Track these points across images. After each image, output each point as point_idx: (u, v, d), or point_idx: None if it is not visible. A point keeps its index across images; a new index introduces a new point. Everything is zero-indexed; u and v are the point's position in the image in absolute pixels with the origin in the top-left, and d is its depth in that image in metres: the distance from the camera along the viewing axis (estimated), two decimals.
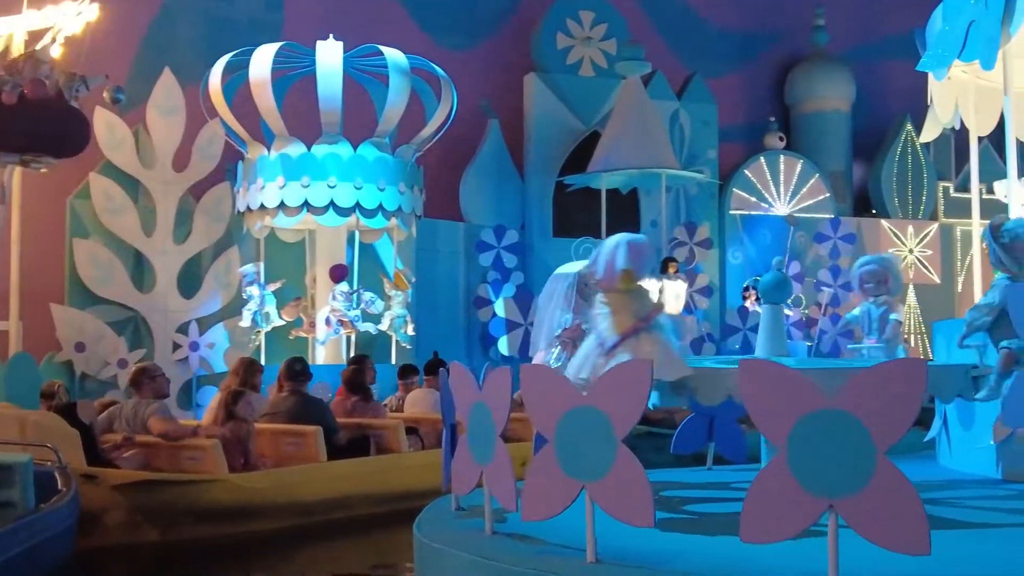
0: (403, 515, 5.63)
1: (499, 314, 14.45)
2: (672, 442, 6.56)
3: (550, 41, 15.74)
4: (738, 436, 6.57)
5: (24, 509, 5.34)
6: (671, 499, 5.16)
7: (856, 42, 17.97)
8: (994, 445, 5.92)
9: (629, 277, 5.14)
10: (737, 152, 16.99)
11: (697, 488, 5.71)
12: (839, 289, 15.63)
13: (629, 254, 5.26)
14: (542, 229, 15.36)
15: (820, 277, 15.81)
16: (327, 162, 12.00)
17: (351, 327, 12.11)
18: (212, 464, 6.78)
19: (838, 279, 15.68)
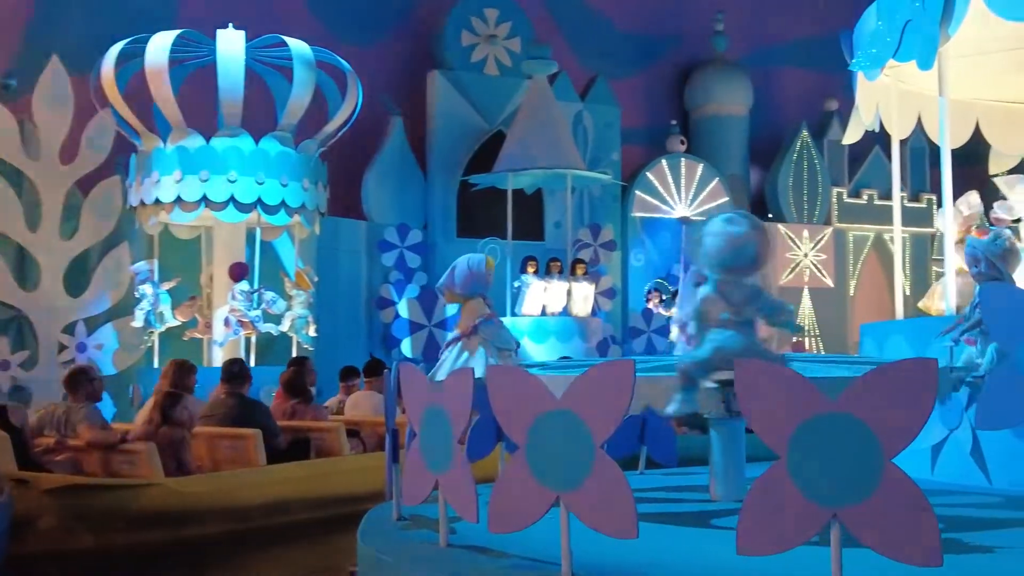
0: (344, 519, 5.50)
1: (402, 315, 14.16)
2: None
3: (454, 38, 15.50)
4: (670, 439, 6.43)
5: None
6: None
7: (754, 48, 18.21)
8: (930, 447, 5.91)
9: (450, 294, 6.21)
10: (638, 154, 17.03)
11: (641, 492, 5.53)
12: None
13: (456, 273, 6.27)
14: (446, 229, 15.10)
15: None
16: (227, 156, 11.52)
17: (251, 328, 11.66)
18: (147, 468, 6.53)
19: None
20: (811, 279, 17.23)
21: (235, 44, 11.57)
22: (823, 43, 18.67)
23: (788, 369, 3.07)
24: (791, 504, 2.92)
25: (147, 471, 6.52)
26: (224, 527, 6.68)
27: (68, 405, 7.05)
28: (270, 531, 6.89)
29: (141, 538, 6.38)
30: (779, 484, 2.95)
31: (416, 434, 4.10)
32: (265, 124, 12.13)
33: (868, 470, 2.84)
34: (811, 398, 2.93)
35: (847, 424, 2.87)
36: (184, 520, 6.50)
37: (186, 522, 6.51)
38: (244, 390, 7.85)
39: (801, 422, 2.93)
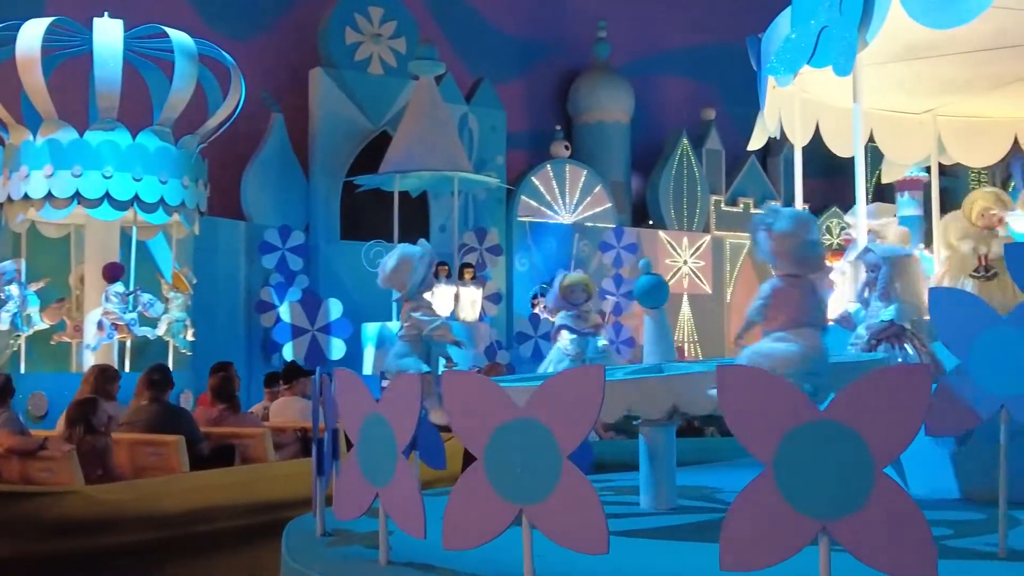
0: (269, 527, 5.33)
1: (284, 319, 13.72)
2: None
3: (338, 36, 15.13)
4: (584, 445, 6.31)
5: None
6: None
7: (635, 56, 18.36)
8: None
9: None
10: (522, 159, 16.97)
11: None
12: (622, 298, 15.87)
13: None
14: (329, 231, 14.71)
15: (604, 286, 15.98)
16: (103, 150, 10.93)
17: (127, 331, 11.08)
18: (66, 476, 6.28)
19: (621, 288, 15.93)
20: (690, 285, 17.44)
21: (112, 33, 10.98)
22: (701, 53, 19.07)
23: (773, 376, 2.96)
24: (778, 516, 2.81)
25: (66, 478, 6.32)
26: (145, 535, 6.50)
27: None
28: (193, 539, 6.69)
29: (59, 546, 6.19)
30: (765, 496, 2.83)
31: (353, 444, 3.86)
32: (138, 119, 11.57)
33: (858, 480, 2.75)
34: (798, 405, 2.83)
35: (836, 433, 2.78)
36: (104, 528, 6.32)
37: (106, 530, 6.32)
38: (166, 396, 7.61)
39: (788, 430, 2.82)
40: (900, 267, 5.15)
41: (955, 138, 9.02)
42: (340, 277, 14.44)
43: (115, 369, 7.74)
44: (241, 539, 6.85)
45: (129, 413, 7.52)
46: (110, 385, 7.64)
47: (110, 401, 7.49)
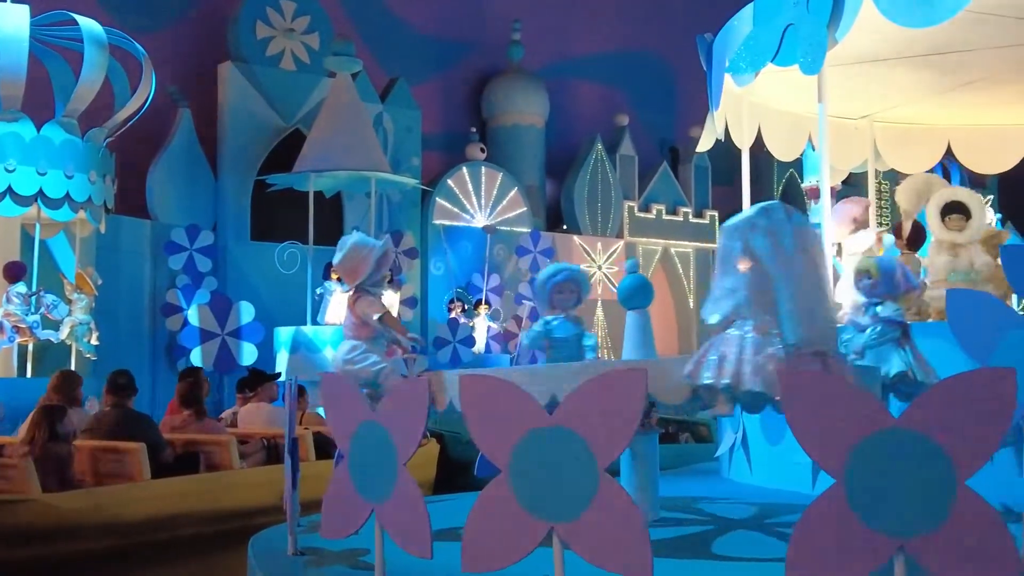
0: (233, 534, 5.33)
1: (192, 323, 13.13)
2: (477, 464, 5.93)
3: (248, 29, 14.59)
4: None
5: None
6: None
7: (549, 60, 18.22)
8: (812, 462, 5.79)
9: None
10: (436, 161, 16.65)
11: None
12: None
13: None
14: (238, 231, 14.15)
15: (520, 290, 15.77)
16: (5, 142, 10.24)
17: (29, 334, 10.41)
18: (23, 483, 6.09)
19: None
20: (604, 291, 17.35)
21: (18, 19, 10.30)
22: (615, 60, 19.06)
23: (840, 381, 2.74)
24: (851, 534, 2.59)
25: (23, 486, 6.15)
26: (105, 543, 6.36)
27: None
28: (154, 547, 6.55)
29: (16, 555, 6.06)
30: (836, 512, 2.61)
31: (344, 456, 3.53)
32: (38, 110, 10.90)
33: (939, 494, 2.55)
34: (872, 413, 2.61)
35: (914, 442, 2.57)
36: (62, 536, 6.17)
37: (64, 538, 6.18)
38: (129, 402, 7.30)
39: (860, 440, 2.61)
40: None
41: (890, 144, 9.08)
42: (251, 279, 13.90)
43: (78, 374, 7.46)
44: (205, 547, 6.74)
45: (91, 419, 7.28)
46: (75, 391, 7.43)
47: (75, 407, 7.24)
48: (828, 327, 3.85)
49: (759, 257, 3.83)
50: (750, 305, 3.85)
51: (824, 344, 3.80)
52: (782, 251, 3.90)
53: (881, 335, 4.61)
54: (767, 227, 3.99)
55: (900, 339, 4.60)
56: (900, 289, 4.70)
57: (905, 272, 4.80)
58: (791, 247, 3.91)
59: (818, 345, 3.77)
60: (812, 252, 3.90)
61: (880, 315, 4.65)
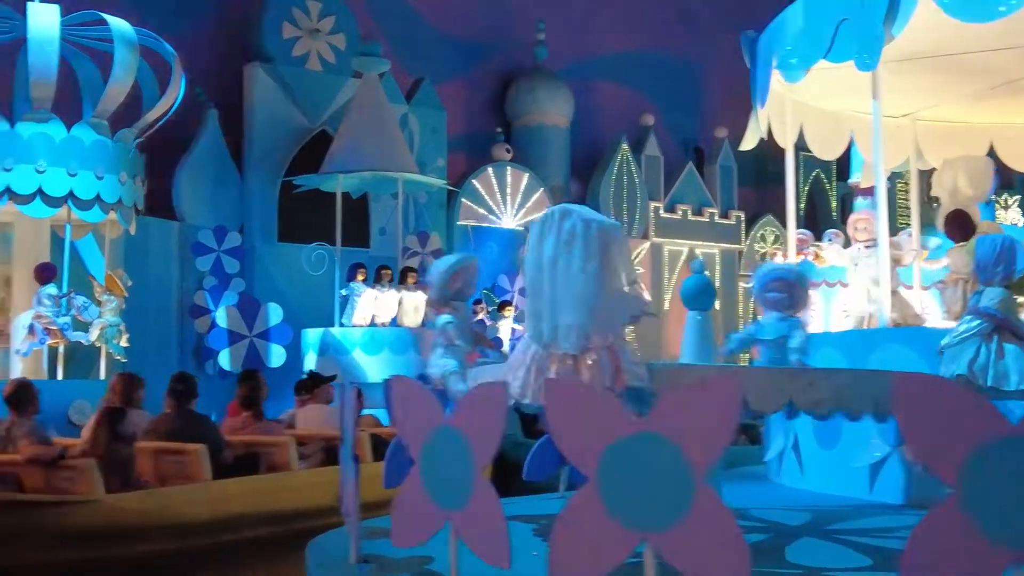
0: (293, 536, 5.39)
1: (220, 324, 13.06)
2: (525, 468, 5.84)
3: (274, 30, 14.54)
4: None
5: None
6: None
7: (574, 60, 18.10)
8: (868, 465, 5.69)
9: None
10: (461, 161, 16.57)
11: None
12: None
13: None
14: (265, 232, 14.08)
15: None
16: (35, 143, 10.21)
17: (60, 336, 10.36)
18: (87, 484, 6.19)
19: None
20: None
21: (49, 19, 10.25)
22: (639, 59, 18.93)
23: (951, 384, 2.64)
24: (967, 546, 2.48)
25: (88, 487, 6.27)
26: (167, 544, 6.44)
27: (11, 420, 6.82)
28: (215, 547, 6.61)
29: (80, 555, 6.14)
30: (951, 523, 2.50)
31: (417, 461, 3.43)
32: (66, 110, 10.85)
33: None
34: (990, 420, 2.50)
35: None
36: (125, 537, 6.26)
37: (127, 539, 6.27)
38: (191, 404, 7.36)
39: (975, 449, 2.50)
40: None
41: (933, 143, 8.94)
42: (278, 280, 13.84)
43: (140, 377, 7.57)
44: (264, 548, 6.79)
45: (153, 421, 7.37)
46: (136, 393, 7.52)
47: (136, 409, 7.32)
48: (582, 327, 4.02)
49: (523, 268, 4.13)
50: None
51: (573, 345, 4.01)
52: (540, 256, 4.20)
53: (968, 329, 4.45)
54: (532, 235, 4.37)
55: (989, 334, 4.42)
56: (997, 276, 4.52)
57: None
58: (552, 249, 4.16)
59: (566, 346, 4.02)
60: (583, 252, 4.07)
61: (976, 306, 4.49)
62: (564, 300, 4.09)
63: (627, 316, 4.40)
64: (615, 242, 4.17)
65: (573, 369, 4.08)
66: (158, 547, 6.40)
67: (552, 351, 4.07)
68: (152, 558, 6.37)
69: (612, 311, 4.18)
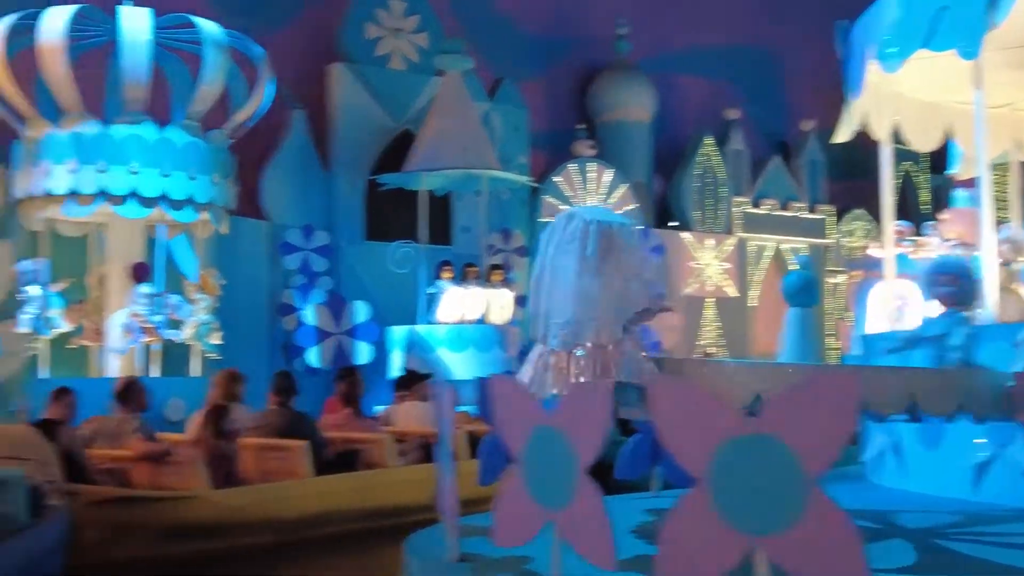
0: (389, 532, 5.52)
1: (308, 322, 13.21)
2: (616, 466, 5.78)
3: (358, 30, 14.66)
4: None
5: (21, 522, 4.98)
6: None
7: (656, 54, 17.95)
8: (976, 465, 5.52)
9: None
10: (543, 158, 16.54)
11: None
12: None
13: None
14: (352, 231, 14.21)
15: None
16: (129, 145, 10.40)
17: (155, 335, 10.57)
18: (193, 480, 6.41)
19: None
20: (715, 289, 17.04)
21: (140, 22, 10.45)
22: (723, 52, 18.70)
23: None
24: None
25: (193, 483, 6.46)
26: (269, 538, 6.58)
27: (121, 417, 7.04)
28: (314, 543, 6.75)
29: (185, 550, 6.29)
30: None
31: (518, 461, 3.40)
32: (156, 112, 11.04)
33: None
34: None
35: None
36: (228, 532, 6.41)
37: (231, 533, 6.42)
38: (292, 402, 7.59)
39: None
40: None
41: None
42: (363, 279, 13.96)
43: (241, 373, 7.76)
44: (362, 543, 6.89)
45: (257, 418, 7.55)
46: (237, 389, 7.69)
47: (238, 405, 7.48)
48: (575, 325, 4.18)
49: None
50: None
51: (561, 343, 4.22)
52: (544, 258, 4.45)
53: None
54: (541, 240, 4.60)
55: None
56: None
57: None
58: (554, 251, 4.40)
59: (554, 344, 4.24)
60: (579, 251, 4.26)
61: None
62: (556, 300, 4.31)
63: (628, 313, 4.49)
64: (617, 240, 4.34)
65: (566, 366, 4.35)
66: (260, 541, 6.52)
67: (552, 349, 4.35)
68: (254, 552, 6.48)
69: (608, 309, 4.35)
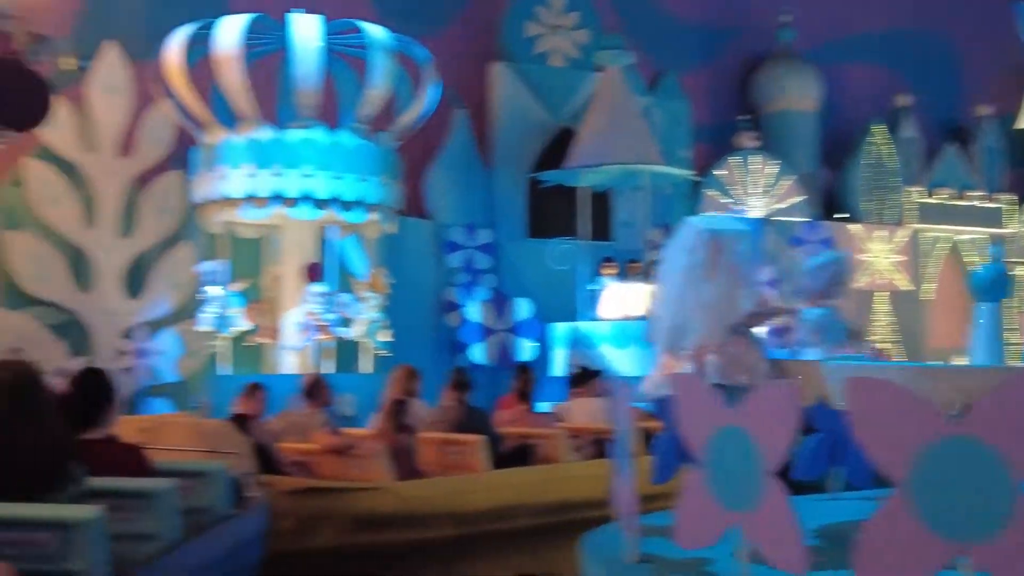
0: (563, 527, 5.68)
1: (472, 319, 13.37)
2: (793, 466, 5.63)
3: (517, 29, 14.75)
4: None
5: (224, 514, 5.15)
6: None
7: (821, 41, 17.44)
8: None
9: None
10: (705, 152, 16.28)
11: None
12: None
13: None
14: (514, 229, 14.31)
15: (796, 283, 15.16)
16: (302, 149, 10.75)
17: (328, 332, 10.89)
18: (376, 472, 6.68)
19: None
20: (887, 282, 16.46)
21: (311, 29, 10.78)
22: (892, 38, 18.02)
23: None
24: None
25: (377, 475, 6.68)
26: (447, 531, 6.74)
27: (309, 412, 7.35)
28: (490, 536, 6.89)
29: (371, 540, 6.51)
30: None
31: (700, 461, 3.35)
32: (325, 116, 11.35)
33: None
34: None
35: None
36: (409, 523, 6.60)
37: (411, 525, 6.61)
38: (468, 397, 7.81)
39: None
40: None
41: None
42: (525, 276, 14.04)
43: (417, 369, 7.99)
44: (536, 539, 6.98)
45: (436, 413, 7.76)
46: (414, 384, 7.90)
47: (415, 400, 7.70)
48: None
49: None
50: None
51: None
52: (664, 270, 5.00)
53: None
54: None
55: None
56: None
57: None
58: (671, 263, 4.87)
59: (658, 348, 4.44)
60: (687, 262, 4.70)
61: None
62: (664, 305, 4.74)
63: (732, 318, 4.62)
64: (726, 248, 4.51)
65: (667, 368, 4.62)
66: (439, 534, 6.66)
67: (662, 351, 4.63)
68: (433, 545, 6.62)
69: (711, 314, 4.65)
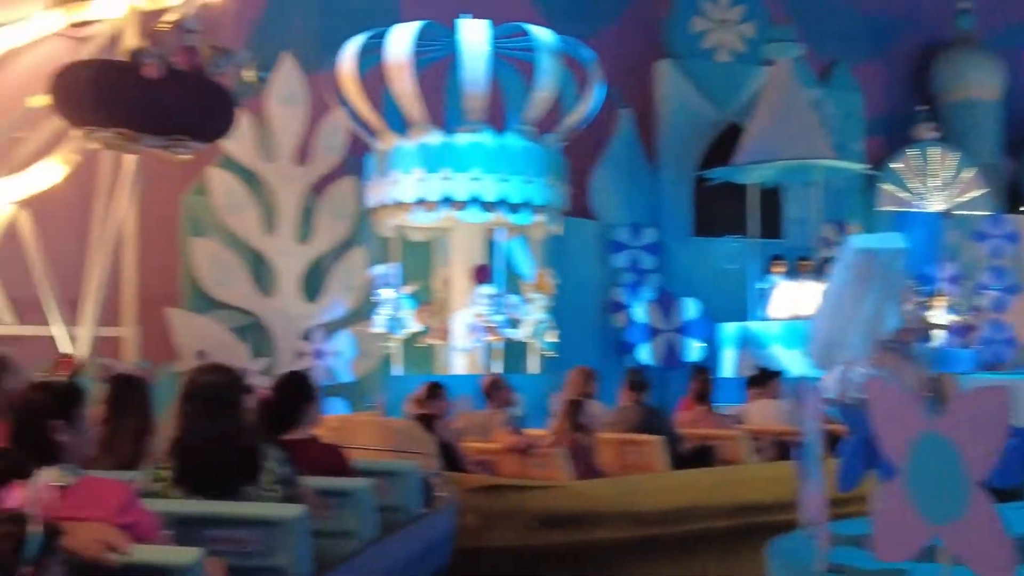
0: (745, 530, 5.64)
1: (638, 319, 13.28)
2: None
3: (683, 25, 14.57)
4: None
5: (417, 512, 5.31)
6: None
7: (1003, 26, 16.62)
8: None
9: None
10: (878, 144, 15.73)
11: None
12: (1003, 292, 14.35)
13: None
14: (679, 227, 14.15)
15: (979, 279, 14.53)
16: (470, 153, 10.89)
17: (497, 333, 11.01)
18: (556, 471, 6.75)
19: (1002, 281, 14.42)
20: None
21: (480, 34, 10.91)
22: None
23: None
24: None
25: (556, 474, 6.72)
26: (627, 532, 6.70)
27: (490, 412, 7.55)
28: (671, 539, 6.82)
29: (552, 540, 6.55)
30: None
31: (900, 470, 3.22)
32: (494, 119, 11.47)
33: None
34: None
35: None
36: (587, 522, 6.61)
37: (589, 524, 6.62)
38: (645, 397, 7.82)
39: None
40: None
41: None
42: (692, 275, 13.86)
43: (593, 370, 8.05)
44: (716, 541, 6.86)
45: (615, 414, 7.78)
46: (590, 385, 7.94)
47: (592, 401, 7.69)
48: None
49: None
50: None
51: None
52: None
53: None
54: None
55: None
56: None
57: None
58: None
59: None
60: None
61: None
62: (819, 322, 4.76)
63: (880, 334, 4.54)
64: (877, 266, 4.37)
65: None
66: (619, 535, 6.61)
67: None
68: (613, 545, 6.59)
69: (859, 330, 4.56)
